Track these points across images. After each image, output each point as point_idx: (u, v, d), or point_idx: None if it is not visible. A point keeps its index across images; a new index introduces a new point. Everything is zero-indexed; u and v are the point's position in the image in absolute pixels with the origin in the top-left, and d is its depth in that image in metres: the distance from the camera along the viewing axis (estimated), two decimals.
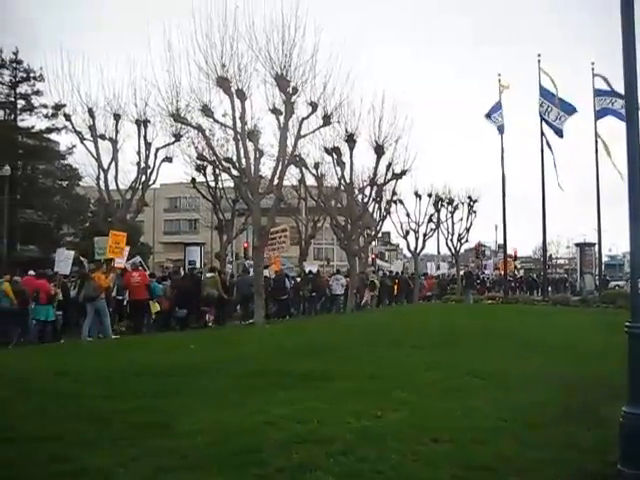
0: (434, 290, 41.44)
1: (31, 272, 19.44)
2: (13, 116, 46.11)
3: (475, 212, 42.72)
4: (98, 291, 17.63)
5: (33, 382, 8.97)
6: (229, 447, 5.51)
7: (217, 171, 29.27)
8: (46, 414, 6.92)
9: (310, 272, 31.62)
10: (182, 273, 25.80)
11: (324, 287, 28.86)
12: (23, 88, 45.63)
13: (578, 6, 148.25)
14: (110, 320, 18.15)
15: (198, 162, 28.99)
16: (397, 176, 29.82)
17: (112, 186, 24.10)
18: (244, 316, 23.06)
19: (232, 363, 10.76)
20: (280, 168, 20.92)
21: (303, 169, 28.79)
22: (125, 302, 20.40)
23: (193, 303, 21.26)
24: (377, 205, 33.01)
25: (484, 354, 11.94)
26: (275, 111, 20.55)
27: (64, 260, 20.11)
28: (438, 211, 40.81)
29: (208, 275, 23.41)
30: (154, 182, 25.38)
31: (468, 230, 43.13)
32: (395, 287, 35.28)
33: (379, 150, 27.22)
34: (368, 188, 29.65)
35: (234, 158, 21.72)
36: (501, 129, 34.29)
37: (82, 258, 22.63)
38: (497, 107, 34.50)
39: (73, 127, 24.02)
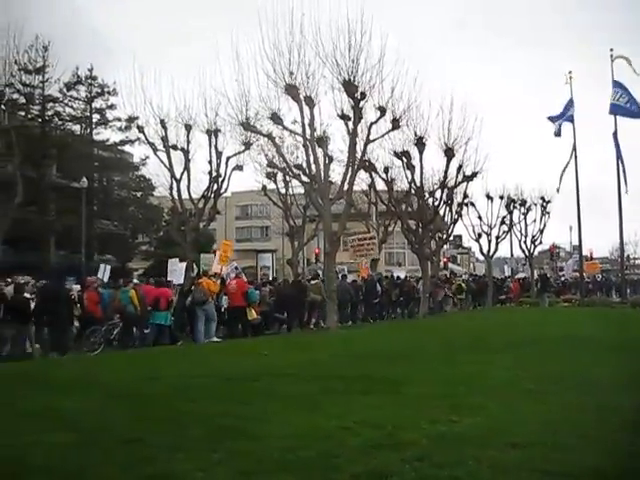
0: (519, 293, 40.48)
1: (136, 280, 20.63)
2: (89, 130, 47.64)
3: (548, 213, 41.82)
4: (207, 296, 18.83)
5: (125, 385, 9.30)
6: (306, 452, 5.53)
7: (287, 178, 29.62)
8: (131, 417, 7.11)
9: (398, 277, 32.63)
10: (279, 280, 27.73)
11: (412, 292, 29.08)
12: (98, 103, 47.31)
13: None
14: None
15: (268, 169, 29.38)
16: (468, 178, 29.52)
17: (185, 195, 24.63)
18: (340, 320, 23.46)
19: (306, 368, 10.84)
20: (350, 173, 21.00)
21: (373, 174, 28.84)
22: (223, 309, 21.01)
23: (296, 308, 22.65)
24: (448, 208, 32.52)
25: (561, 357, 11.66)
26: (344, 117, 20.65)
27: (177, 270, 21.17)
28: (510, 213, 40.14)
29: (312, 282, 24.87)
30: (225, 190, 25.77)
31: (542, 232, 42.26)
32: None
33: (449, 152, 27.01)
34: (439, 191, 29.45)
35: (304, 164, 21.91)
36: (557, 133, 33.72)
37: (194, 264, 23.43)
38: (567, 110, 33.91)
39: (146, 138, 24.64)
